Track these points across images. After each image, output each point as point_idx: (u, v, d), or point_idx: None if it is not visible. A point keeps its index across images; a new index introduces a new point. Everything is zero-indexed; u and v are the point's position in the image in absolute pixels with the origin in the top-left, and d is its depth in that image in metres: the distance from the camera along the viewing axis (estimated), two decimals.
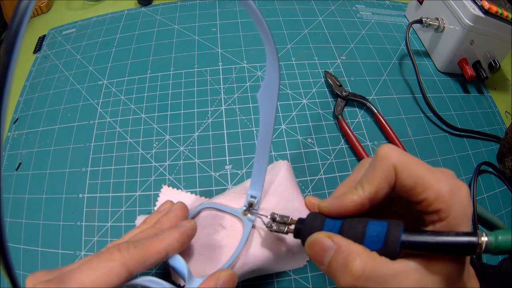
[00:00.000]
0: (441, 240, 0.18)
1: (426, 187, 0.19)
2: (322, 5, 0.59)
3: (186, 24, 0.55)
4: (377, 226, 0.20)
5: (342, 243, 0.20)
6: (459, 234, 0.18)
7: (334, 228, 0.22)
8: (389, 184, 0.20)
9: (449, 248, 0.18)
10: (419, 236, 0.19)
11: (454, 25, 0.48)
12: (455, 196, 0.19)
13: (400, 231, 0.19)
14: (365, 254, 0.19)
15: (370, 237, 0.20)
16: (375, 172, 0.21)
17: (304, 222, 0.24)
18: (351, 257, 0.19)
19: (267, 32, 0.21)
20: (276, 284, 0.33)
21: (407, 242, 0.19)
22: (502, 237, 0.17)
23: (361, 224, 0.21)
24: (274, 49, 0.22)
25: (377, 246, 0.20)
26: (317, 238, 0.21)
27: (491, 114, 0.50)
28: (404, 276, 0.18)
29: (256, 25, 0.21)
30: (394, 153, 0.20)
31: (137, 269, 0.22)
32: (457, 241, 0.18)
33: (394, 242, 0.19)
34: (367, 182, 0.21)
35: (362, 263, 0.19)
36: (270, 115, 0.25)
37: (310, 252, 0.21)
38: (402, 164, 0.20)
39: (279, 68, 0.23)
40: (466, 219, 0.19)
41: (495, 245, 0.17)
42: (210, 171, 0.40)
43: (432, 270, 0.19)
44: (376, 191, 0.21)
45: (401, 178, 0.20)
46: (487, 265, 0.26)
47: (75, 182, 0.40)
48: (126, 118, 0.44)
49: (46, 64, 0.52)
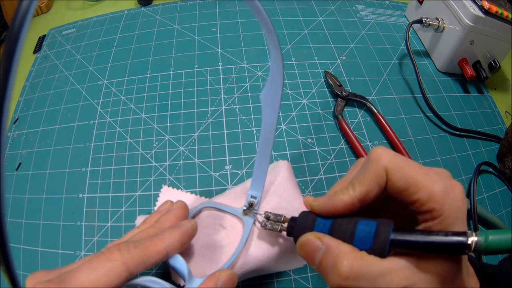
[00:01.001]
0: (431, 239, 0.18)
1: (419, 188, 0.19)
2: (322, 5, 0.59)
3: (186, 24, 0.55)
4: (366, 226, 0.21)
5: (331, 244, 0.20)
6: (448, 233, 0.18)
7: (324, 228, 0.22)
8: (379, 186, 0.21)
9: (439, 247, 0.18)
10: (409, 236, 0.19)
11: (454, 25, 0.48)
12: (449, 195, 0.19)
13: (389, 230, 0.20)
14: (353, 254, 0.20)
15: (359, 237, 0.20)
16: (366, 174, 0.21)
17: (295, 221, 0.24)
18: (339, 258, 0.20)
19: (273, 35, 0.21)
20: (276, 284, 0.33)
21: (396, 241, 0.19)
22: (493, 237, 0.17)
23: (351, 224, 0.21)
24: (279, 50, 0.22)
25: (366, 246, 0.20)
26: (307, 239, 0.22)
27: (491, 114, 0.50)
28: (394, 274, 0.19)
29: (262, 27, 0.21)
30: (386, 156, 0.21)
31: (138, 269, 0.22)
32: (446, 241, 0.18)
33: (383, 241, 0.20)
34: (358, 183, 0.21)
35: (350, 264, 0.19)
36: (273, 116, 0.25)
37: (301, 253, 0.22)
38: (395, 167, 0.20)
39: (283, 70, 0.23)
40: (459, 218, 0.19)
41: (484, 245, 0.17)
42: (210, 171, 0.40)
43: (424, 268, 0.19)
44: (366, 192, 0.21)
45: (393, 180, 0.20)
46: (487, 264, 0.26)
47: (75, 182, 0.40)
48: (126, 118, 0.44)
49: (46, 64, 0.52)
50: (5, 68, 0.12)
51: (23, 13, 0.12)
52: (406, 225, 0.23)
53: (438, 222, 0.19)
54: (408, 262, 0.19)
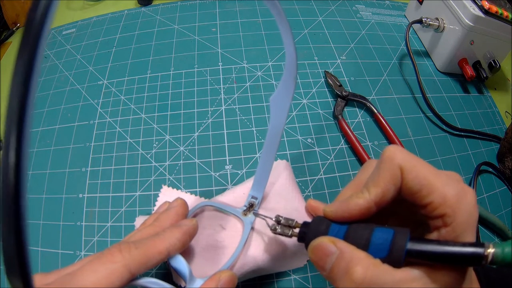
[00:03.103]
0: (448, 250, 0.18)
1: (432, 190, 0.19)
2: (322, 5, 0.59)
3: (186, 24, 0.55)
4: (383, 233, 0.20)
5: (345, 249, 0.20)
6: (465, 244, 0.18)
7: (339, 234, 0.21)
8: (395, 186, 0.20)
9: (455, 258, 0.18)
10: (425, 245, 0.19)
11: (454, 25, 0.48)
12: (461, 201, 0.18)
13: (406, 239, 0.19)
14: (368, 261, 0.19)
15: (375, 244, 0.20)
16: (381, 174, 0.20)
17: (309, 226, 0.23)
18: (352, 264, 0.19)
19: (289, 35, 0.21)
20: (276, 284, 0.33)
21: (413, 251, 0.19)
22: (509, 249, 0.17)
23: (367, 230, 0.20)
24: (294, 54, 0.22)
25: (382, 254, 0.19)
26: (321, 242, 0.21)
27: (491, 114, 0.50)
28: (407, 285, 0.18)
29: (280, 27, 0.21)
30: (400, 154, 0.20)
31: (139, 270, 0.22)
32: (463, 252, 0.18)
33: (400, 250, 0.19)
34: (372, 184, 0.21)
35: (363, 270, 0.19)
36: (280, 120, 0.25)
37: (312, 257, 0.21)
38: (408, 166, 0.20)
39: (296, 75, 0.23)
40: (471, 225, 0.19)
41: (501, 258, 0.17)
42: (210, 171, 0.40)
43: (435, 278, 0.18)
44: (383, 193, 0.20)
45: (407, 180, 0.20)
46: (489, 268, 0.25)
47: (75, 182, 0.40)
48: (126, 118, 0.44)
49: (46, 64, 0.52)
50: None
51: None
52: (415, 231, 0.22)
53: (451, 229, 0.18)
54: (422, 272, 0.19)
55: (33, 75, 0.11)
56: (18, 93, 0.11)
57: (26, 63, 0.11)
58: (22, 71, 0.11)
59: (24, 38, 0.11)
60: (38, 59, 0.11)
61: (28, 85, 0.11)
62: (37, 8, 0.11)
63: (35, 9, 0.11)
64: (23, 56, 0.11)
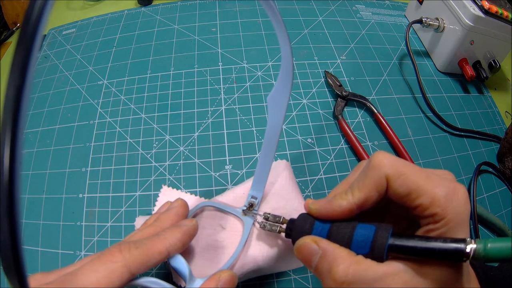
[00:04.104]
0: (429, 246, 0.18)
1: (421, 194, 0.19)
2: (322, 5, 0.59)
3: (186, 24, 0.55)
4: (365, 230, 0.20)
5: (328, 248, 0.20)
6: (447, 240, 0.18)
7: (322, 231, 0.22)
8: (379, 193, 0.21)
9: (437, 254, 0.18)
10: (407, 241, 0.19)
11: (454, 25, 0.48)
12: (452, 199, 0.19)
13: (388, 235, 0.20)
14: (349, 259, 0.20)
15: (357, 241, 0.20)
16: (366, 180, 0.21)
17: (294, 223, 0.24)
18: (335, 263, 0.20)
19: (285, 35, 0.21)
20: (276, 284, 0.33)
21: (394, 247, 0.19)
22: (492, 245, 0.17)
23: (349, 228, 0.21)
24: (290, 53, 0.22)
25: (364, 250, 0.20)
26: (304, 243, 0.22)
27: (491, 114, 0.50)
28: (391, 278, 0.19)
29: (275, 27, 0.21)
30: (387, 162, 0.20)
31: (139, 270, 0.22)
32: (444, 248, 0.18)
33: (381, 246, 0.19)
34: (357, 188, 0.21)
35: (345, 269, 0.19)
36: (278, 119, 0.25)
37: (298, 256, 0.22)
38: (396, 173, 0.20)
39: (293, 73, 0.23)
40: (462, 222, 0.19)
41: (483, 254, 0.17)
42: (210, 171, 0.40)
43: (423, 272, 0.19)
44: (365, 198, 0.21)
45: (394, 187, 0.20)
46: (488, 266, 0.25)
47: (75, 182, 0.40)
48: (126, 118, 0.44)
49: (46, 64, 0.52)
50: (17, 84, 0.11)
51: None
52: (408, 227, 0.23)
53: (440, 226, 0.19)
54: (407, 266, 0.19)
55: (28, 71, 0.12)
56: (14, 83, 0.11)
57: (22, 60, 0.11)
58: (18, 66, 0.11)
59: (20, 38, 0.12)
60: (32, 58, 0.12)
61: (24, 78, 0.12)
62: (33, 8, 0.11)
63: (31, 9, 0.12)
64: (20, 53, 0.11)
